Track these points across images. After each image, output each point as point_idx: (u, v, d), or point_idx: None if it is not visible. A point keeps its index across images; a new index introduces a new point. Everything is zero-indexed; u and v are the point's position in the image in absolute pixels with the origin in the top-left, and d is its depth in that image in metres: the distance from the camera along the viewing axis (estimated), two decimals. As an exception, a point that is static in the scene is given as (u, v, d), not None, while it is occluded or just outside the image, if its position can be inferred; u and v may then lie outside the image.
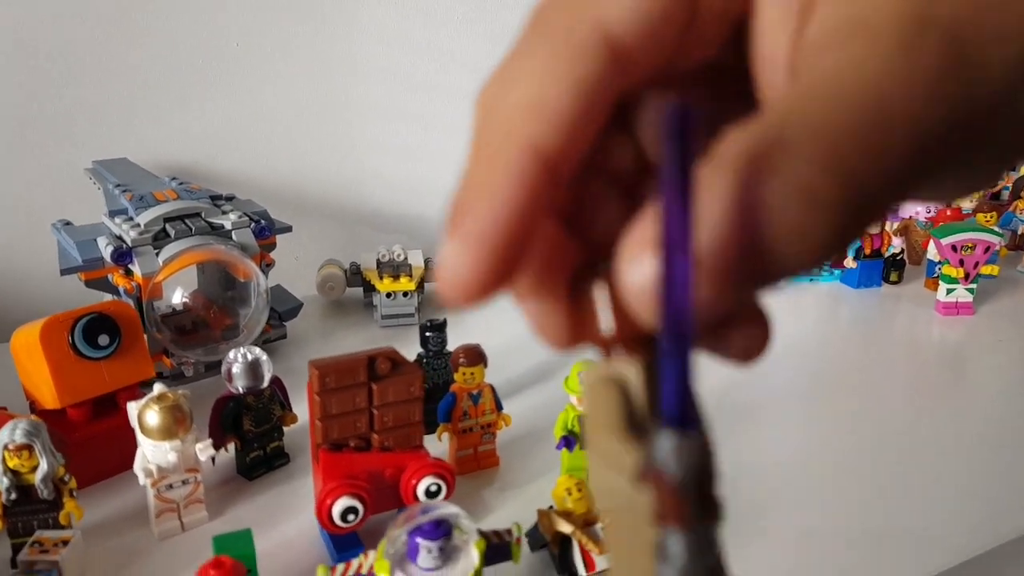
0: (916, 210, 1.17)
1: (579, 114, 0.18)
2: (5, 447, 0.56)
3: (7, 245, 1.01)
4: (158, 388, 0.61)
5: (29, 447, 0.56)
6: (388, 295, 0.97)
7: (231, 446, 0.68)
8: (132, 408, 0.61)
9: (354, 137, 1.17)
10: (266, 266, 0.88)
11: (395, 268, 1.00)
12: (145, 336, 0.71)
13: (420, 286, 1.00)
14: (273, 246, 0.89)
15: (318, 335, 0.97)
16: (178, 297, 0.82)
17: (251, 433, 0.68)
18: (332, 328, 0.99)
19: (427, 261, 1.05)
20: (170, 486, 0.61)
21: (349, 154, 1.17)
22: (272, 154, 1.12)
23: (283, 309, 0.92)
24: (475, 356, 0.67)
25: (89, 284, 0.80)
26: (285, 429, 0.71)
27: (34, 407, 0.69)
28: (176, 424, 0.60)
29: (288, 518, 0.64)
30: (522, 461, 0.71)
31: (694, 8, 0.19)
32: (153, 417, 0.59)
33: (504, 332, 0.99)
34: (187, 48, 1.06)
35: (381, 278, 0.98)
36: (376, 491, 0.58)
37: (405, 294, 0.97)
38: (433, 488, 0.59)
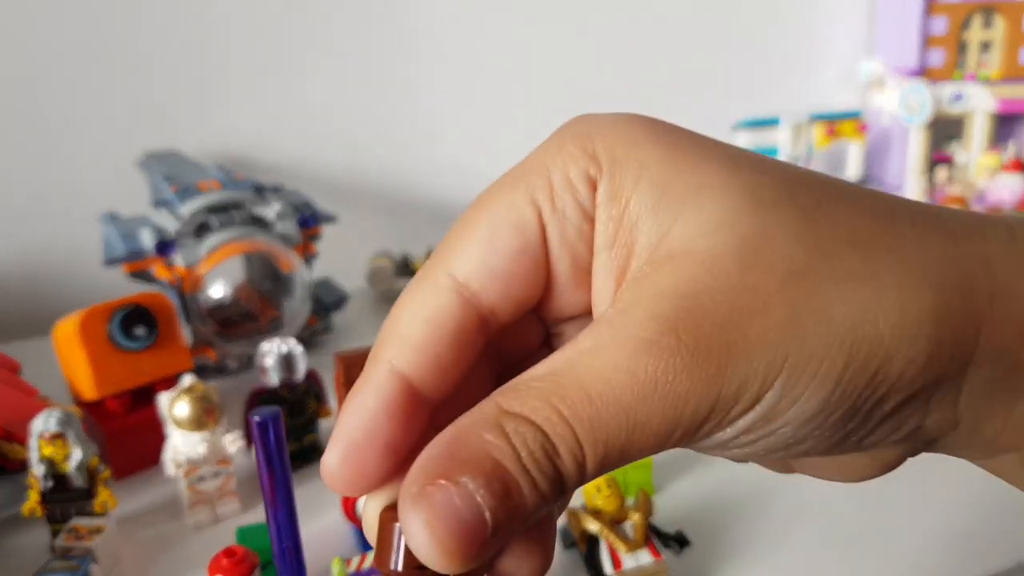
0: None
1: (429, 341, 0.22)
2: (40, 435, 0.57)
3: (57, 236, 1.04)
4: (188, 379, 0.61)
5: (62, 435, 0.57)
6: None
7: (265, 438, 0.67)
8: (163, 399, 0.62)
9: (406, 127, 1.16)
10: (309, 257, 0.87)
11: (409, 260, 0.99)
12: (184, 328, 0.71)
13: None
14: (318, 236, 0.89)
15: (365, 327, 0.96)
16: (221, 290, 0.82)
17: (286, 426, 0.68)
18: (378, 321, 0.99)
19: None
20: (201, 478, 0.61)
21: (401, 144, 1.16)
22: (323, 144, 1.12)
23: (329, 301, 0.92)
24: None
25: (132, 276, 0.81)
26: (321, 423, 0.70)
27: (76, 398, 0.71)
28: (206, 415, 0.60)
29: (321, 512, 0.63)
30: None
31: (545, 268, 0.23)
32: (183, 408, 0.59)
33: None
34: (239, 37, 1.06)
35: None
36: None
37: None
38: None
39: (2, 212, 1.01)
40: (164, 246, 0.79)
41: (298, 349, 0.68)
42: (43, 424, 0.56)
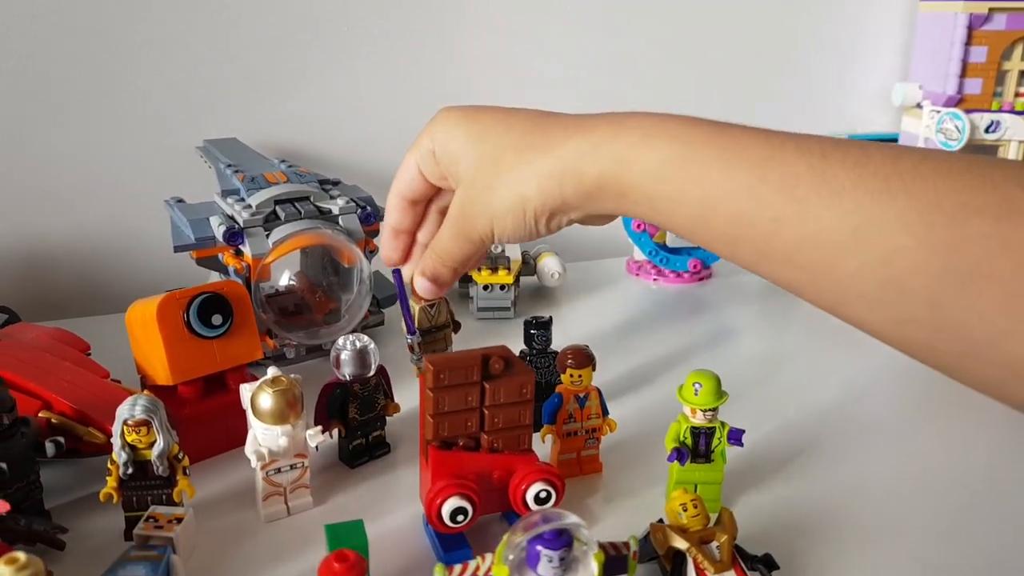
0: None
1: (401, 207, 0.60)
2: (125, 422, 0.57)
3: (120, 218, 1.04)
4: (272, 371, 0.61)
5: (147, 423, 0.57)
6: (485, 287, 0.96)
7: (334, 432, 0.68)
8: (245, 390, 0.62)
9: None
10: (369, 252, 0.87)
11: (493, 260, 0.99)
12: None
13: (516, 280, 0.99)
14: (377, 232, 0.89)
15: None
16: (285, 279, 0.82)
17: (355, 421, 0.68)
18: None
19: (524, 255, 1.04)
20: (278, 470, 0.61)
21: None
22: (377, 139, 1.12)
23: (382, 296, 0.92)
24: (583, 358, 0.65)
25: (200, 262, 0.81)
26: (388, 418, 0.71)
27: (145, 381, 0.71)
28: (288, 408, 0.60)
29: (391, 510, 0.63)
30: (626, 469, 0.69)
31: (425, 185, 0.58)
32: (266, 400, 0.59)
33: (609, 333, 0.98)
34: (298, 31, 1.06)
35: (479, 270, 0.97)
36: (484, 492, 0.57)
37: (502, 287, 0.96)
38: (543, 494, 0.57)
39: (65, 192, 1.01)
40: (233, 235, 0.79)
41: (371, 345, 0.68)
42: (129, 411, 0.56)
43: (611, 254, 1.23)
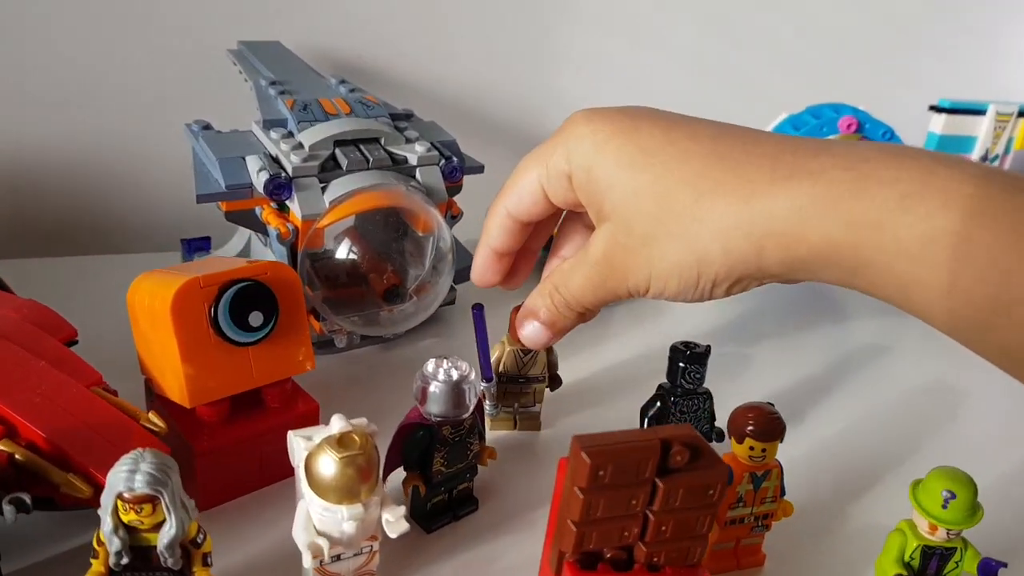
0: None
1: (512, 218, 0.44)
2: (119, 496, 0.38)
3: (125, 137, 0.82)
4: (338, 424, 0.42)
5: (154, 499, 0.38)
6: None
7: (410, 490, 0.49)
8: (297, 445, 0.43)
9: (551, 46, 0.94)
10: (452, 217, 0.67)
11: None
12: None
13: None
14: (459, 189, 0.68)
15: (490, 303, 0.75)
16: (344, 251, 0.62)
17: (440, 475, 0.49)
18: (506, 295, 0.78)
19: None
20: (338, 557, 0.43)
21: (543, 67, 0.94)
22: (448, 58, 0.90)
23: (456, 268, 0.72)
24: (773, 428, 0.46)
25: (230, 216, 0.61)
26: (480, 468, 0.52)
27: (151, 386, 0.52)
28: (361, 481, 0.41)
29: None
30: (799, 566, 0.51)
31: (546, 208, 0.42)
32: (329, 468, 0.40)
33: (710, 325, 0.79)
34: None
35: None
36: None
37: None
38: (729, 647, 0.39)
39: (57, 97, 0.79)
40: (279, 186, 0.58)
41: (471, 375, 0.48)
42: (126, 481, 0.37)
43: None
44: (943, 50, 1.12)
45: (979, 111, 0.99)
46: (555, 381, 0.60)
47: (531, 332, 0.44)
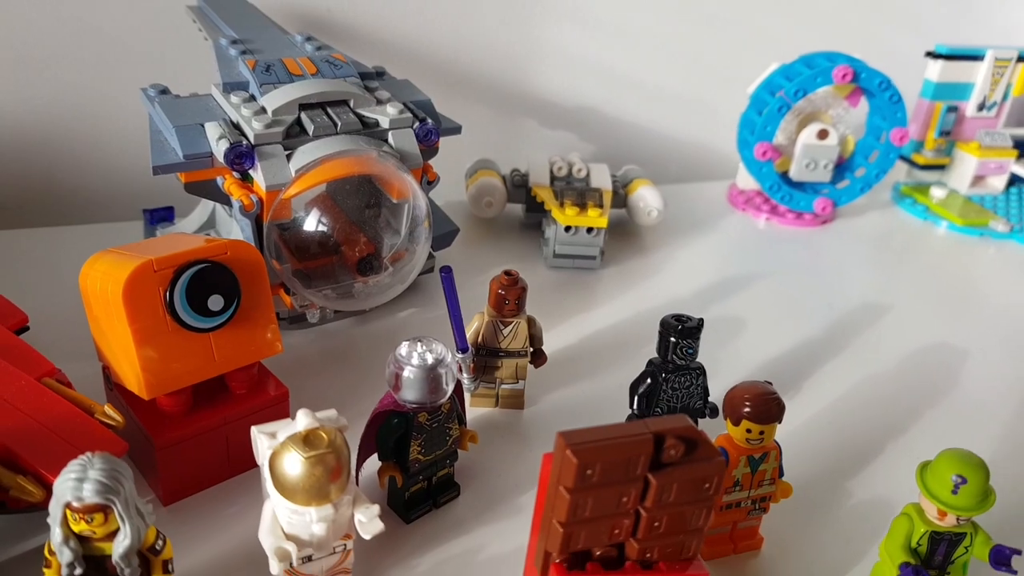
0: None
1: None
2: (68, 505, 0.35)
3: (88, 101, 0.77)
4: (304, 420, 0.38)
5: (105, 508, 0.35)
6: (567, 229, 0.73)
7: (387, 480, 0.46)
8: (260, 443, 0.40)
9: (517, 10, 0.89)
10: (428, 183, 0.64)
11: (579, 193, 0.75)
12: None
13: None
14: (435, 152, 0.64)
15: (470, 270, 0.72)
16: (314, 222, 0.58)
17: (417, 464, 0.46)
18: (487, 260, 0.75)
19: (615, 181, 0.80)
20: (309, 558, 0.40)
21: (524, 18, 0.89)
22: (422, 9, 0.85)
23: (434, 235, 0.69)
24: (771, 410, 0.44)
25: (189, 188, 0.57)
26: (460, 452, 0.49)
27: (108, 374, 0.48)
28: (329, 480, 0.38)
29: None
30: (798, 549, 0.49)
31: None
32: (296, 468, 0.37)
33: (719, 292, 0.76)
34: None
35: (561, 203, 0.73)
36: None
37: (590, 231, 0.73)
38: (726, 648, 0.37)
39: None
40: (240, 155, 0.54)
41: (447, 358, 0.45)
42: (73, 490, 0.34)
43: (709, 176, 0.99)
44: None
45: (977, 57, 0.96)
46: (539, 356, 0.57)
47: None
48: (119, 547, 0.36)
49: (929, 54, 0.95)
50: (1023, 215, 0.94)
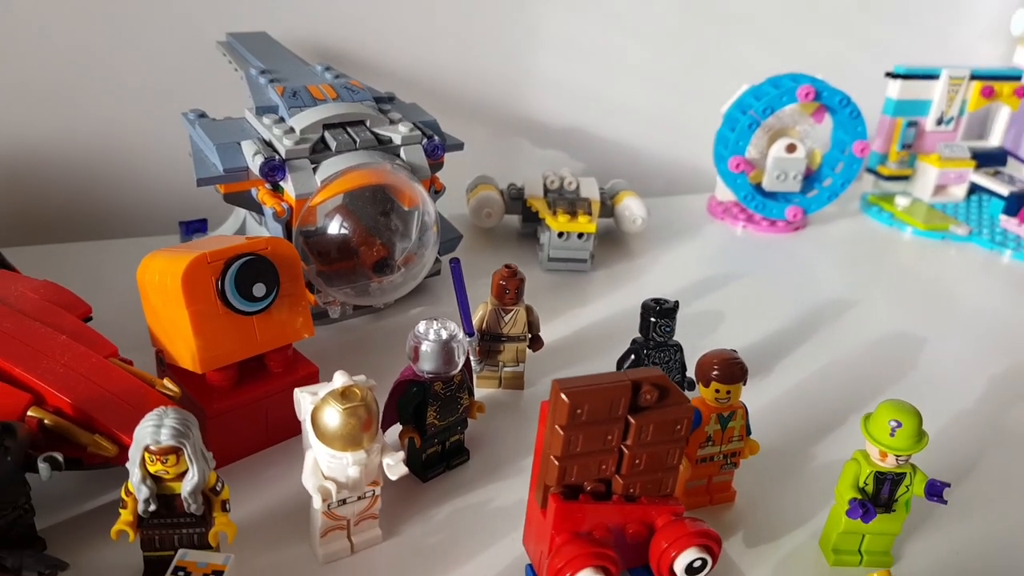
0: None
1: None
2: (147, 448, 0.42)
3: (127, 128, 0.85)
4: (340, 379, 0.46)
5: (177, 450, 0.42)
6: (560, 235, 0.81)
7: (406, 441, 0.54)
8: (303, 400, 0.47)
9: (525, 27, 0.97)
10: (435, 192, 0.71)
11: (570, 203, 0.83)
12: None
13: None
14: (441, 167, 0.72)
15: (472, 274, 0.79)
16: (336, 227, 0.66)
17: (434, 427, 0.54)
18: (487, 265, 0.82)
19: (603, 194, 0.88)
20: (343, 501, 0.47)
21: (518, 47, 0.98)
22: (427, 41, 0.93)
23: (440, 240, 0.76)
24: (735, 371, 0.51)
25: (228, 198, 0.65)
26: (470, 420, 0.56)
27: (162, 357, 0.56)
28: (363, 430, 0.45)
29: (482, 547, 0.50)
30: (767, 501, 0.56)
31: None
32: (334, 418, 0.45)
33: (700, 292, 0.84)
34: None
35: (554, 212, 0.81)
36: (615, 550, 0.44)
37: (580, 236, 0.81)
38: (698, 563, 0.44)
39: (58, 89, 0.82)
40: (273, 168, 0.62)
41: (459, 335, 0.53)
42: (152, 435, 0.42)
43: (689, 190, 1.07)
44: (900, 16, 1.17)
45: (933, 76, 1.04)
46: (536, 342, 0.64)
47: None
48: (188, 484, 0.43)
49: (889, 74, 1.04)
50: (982, 220, 1.02)
